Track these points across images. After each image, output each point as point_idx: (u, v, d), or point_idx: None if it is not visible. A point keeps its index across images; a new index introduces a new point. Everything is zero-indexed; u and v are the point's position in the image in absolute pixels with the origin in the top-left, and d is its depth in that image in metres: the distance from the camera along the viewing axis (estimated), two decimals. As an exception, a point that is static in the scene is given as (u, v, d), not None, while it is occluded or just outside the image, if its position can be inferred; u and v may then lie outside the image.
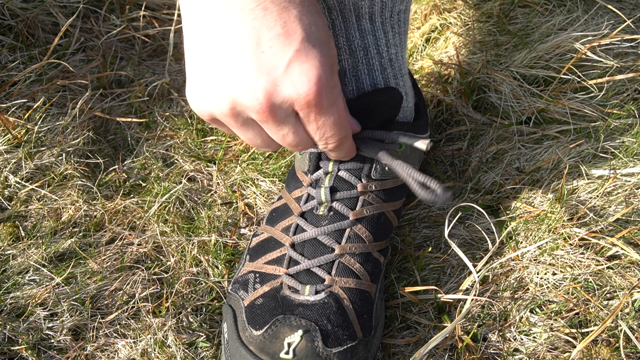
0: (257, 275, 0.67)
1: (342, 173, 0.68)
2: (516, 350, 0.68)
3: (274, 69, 0.50)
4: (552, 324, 0.70)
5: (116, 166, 0.87)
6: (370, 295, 0.66)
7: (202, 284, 0.74)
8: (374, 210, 0.69)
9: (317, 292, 0.64)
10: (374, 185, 0.69)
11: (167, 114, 0.96)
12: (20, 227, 0.79)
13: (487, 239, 0.76)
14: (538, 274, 0.74)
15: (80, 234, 0.79)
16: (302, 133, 0.56)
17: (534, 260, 0.75)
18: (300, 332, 0.60)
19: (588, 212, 0.77)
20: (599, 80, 0.88)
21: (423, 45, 1.03)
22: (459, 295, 0.71)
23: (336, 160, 0.68)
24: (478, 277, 0.71)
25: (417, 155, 0.75)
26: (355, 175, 0.68)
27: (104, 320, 0.70)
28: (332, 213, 0.68)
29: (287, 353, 0.59)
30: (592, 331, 0.67)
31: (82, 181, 0.84)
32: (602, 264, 0.73)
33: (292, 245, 0.67)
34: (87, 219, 0.81)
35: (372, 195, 0.69)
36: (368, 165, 0.68)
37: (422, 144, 0.61)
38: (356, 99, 0.66)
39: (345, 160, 0.67)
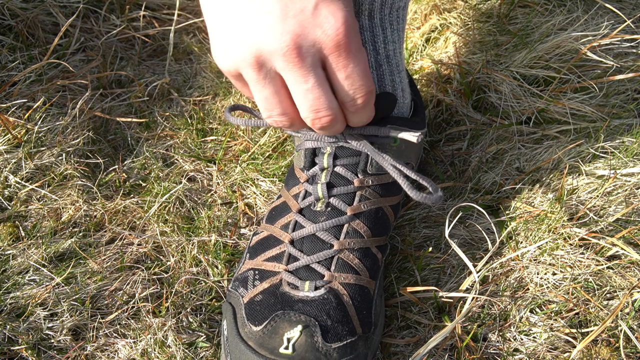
0: (257, 272, 0.67)
1: (338, 169, 0.68)
2: (516, 350, 0.68)
3: (300, 12, 0.49)
4: (552, 324, 0.70)
5: (116, 166, 0.87)
6: (369, 291, 0.66)
7: (202, 283, 0.74)
8: (371, 205, 0.69)
9: (316, 288, 0.64)
10: (371, 180, 0.69)
11: (167, 114, 0.96)
12: (20, 227, 0.79)
13: (487, 239, 0.76)
14: (538, 274, 0.74)
15: (80, 234, 0.79)
16: (327, 88, 0.54)
17: (534, 260, 0.75)
18: (299, 327, 0.60)
19: (588, 212, 0.77)
20: (599, 80, 0.88)
21: (423, 45, 1.03)
22: (459, 294, 0.71)
23: (331, 156, 0.68)
24: (478, 277, 0.71)
25: (413, 151, 0.75)
26: (352, 171, 0.68)
27: (104, 320, 0.70)
28: (329, 209, 0.68)
29: (286, 348, 0.59)
30: (592, 331, 0.67)
31: (82, 181, 0.84)
32: (602, 264, 0.73)
33: (291, 242, 0.67)
34: (87, 219, 0.81)
35: (369, 190, 0.69)
36: (364, 160, 0.68)
37: (412, 136, 0.61)
38: None
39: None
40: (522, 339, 0.69)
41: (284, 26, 0.49)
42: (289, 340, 0.60)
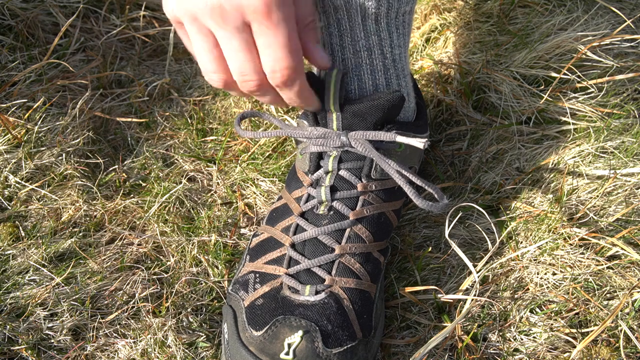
0: (257, 275, 0.67)
1: (342, 172, 0.68)
2: (516, 350, 0.68)
3: None
4: (552, 324, 0.70)
5: (116, 166, 0.87)
6: (370, 295, 0.66)
7: (202, 284, 0.74)
8: (374, 210, 0.69)
9: (317, 292, 0.64)
10: (374, 185, 0.69)
11: (167, 114, 0.96)
12: (20, 227, 0.79)
13: (487, 239, 0.76)
14: (538, 274, 0.74)
15: (80, 234, 0.79)
16: (254, 54, 0.57)
17: (534, 260, 0.75)
18: (300, 332, 0.60)
19: (588, 212, 0.77)
20: (599, 80, 0.88)
21: (423, 45, 1.03)
22: (459, 295, 0.71)
23: (337, 159, 0.68)
24: (478, 277, 0.71)
25: (416, 155, 0.75)
26: (356, 175, 0.68)
27: (104, 320, 0.70)
28: (332, 213, 0.68)
29: (287, 354, 0.59)
30: (592, 331, 0.67)
31: (82, 181, 0.84)
32: (602, 264, 0.73)
33: (292, 245, 0.67)
34: (87, 219, 0.81)
35: (373, 195, 0.69)
36: (368, 165, 0.68)
37: (419, 143, 0.61)
38: (358, 101, 0.66)
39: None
40: (522, 339, 0.69)
41: None
42: (289, 345, 0.60)
